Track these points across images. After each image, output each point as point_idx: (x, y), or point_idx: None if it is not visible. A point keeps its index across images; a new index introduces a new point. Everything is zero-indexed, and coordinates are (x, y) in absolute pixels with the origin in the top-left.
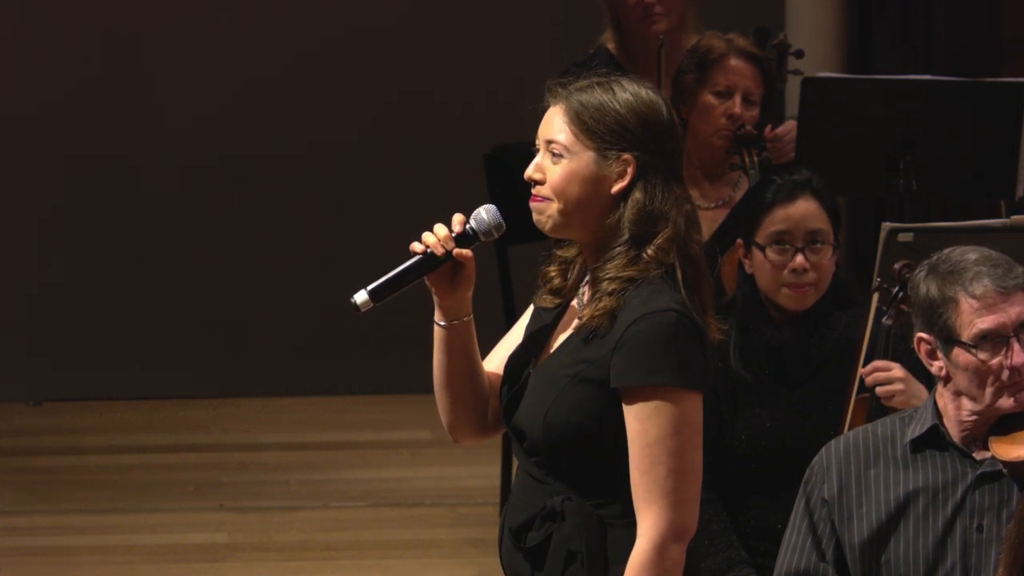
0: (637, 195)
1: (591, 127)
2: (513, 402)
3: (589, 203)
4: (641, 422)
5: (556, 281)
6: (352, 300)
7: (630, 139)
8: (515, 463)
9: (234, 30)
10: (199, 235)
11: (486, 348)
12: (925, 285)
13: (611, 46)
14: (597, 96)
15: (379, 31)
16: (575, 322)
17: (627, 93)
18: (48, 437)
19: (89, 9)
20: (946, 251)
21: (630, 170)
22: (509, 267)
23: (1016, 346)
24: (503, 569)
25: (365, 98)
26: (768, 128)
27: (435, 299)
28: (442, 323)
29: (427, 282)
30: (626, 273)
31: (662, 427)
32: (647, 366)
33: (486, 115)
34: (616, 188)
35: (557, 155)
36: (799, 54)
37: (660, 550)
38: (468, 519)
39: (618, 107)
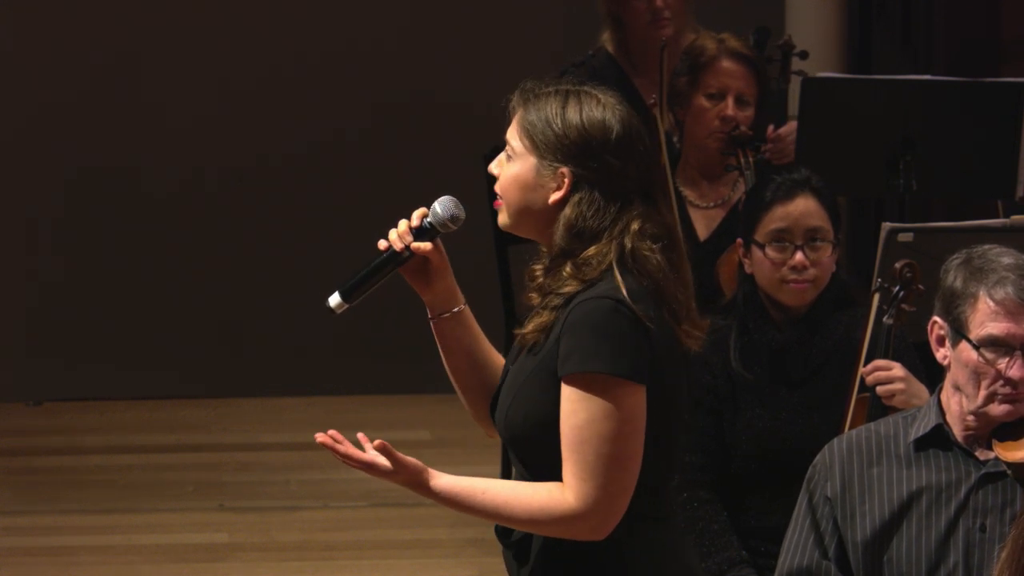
0: (567, 211)
1: (533, 135)
2: (495, 401)
3: (530, 209)
4: (570, 404)
5: (541, 279)
6: (327, 304)
7: (565, 152)
8: None
9: (233, 33)
10: (199, 235)
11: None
12: (954, 273)
13: (610, 47)
14: (549, 105)
15: (378, 33)
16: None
17: (579, 107)
18: (48, 437)
19: (89, 14)
20: (986, 247)
21: (566, 182)
22: (509, 267)
23: (1019, 360)
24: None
25: (365, 99)
26: (771, 128)
27: (420, 295)
28: (430, 317)
29: (405, 279)
30: (565, 289)
31: (591, 411)
32: (581, 352)
33: (486, 115)
34: (553, 199)
35: (510, 156)
36: (803, 55)
37: (576, 519)
38: (468, 519)
39: (561, 121)
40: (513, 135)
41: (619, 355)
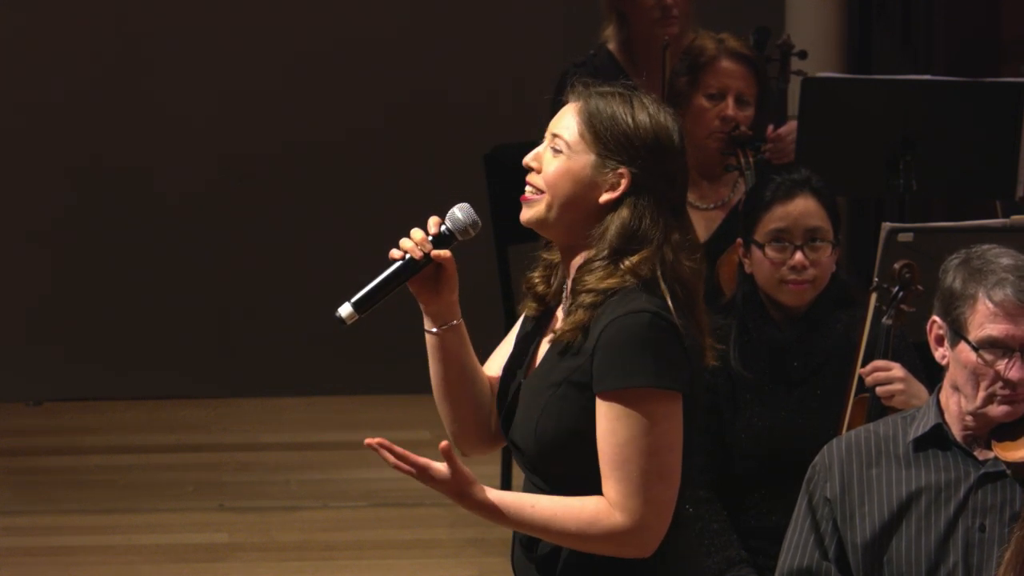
0: (624, 211)
1: (599, 132)
2: (509, 416)
3: (576, 205)
4: (610, 422)
5: (540, 287)
6: (337, 314)
7: (632, 154)
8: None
9: (235, 32)
10: (200, 235)
11: (489, 348)
12: (953, 274)
13: (611, 46)
14: (615, 104)
15: (379, 33)
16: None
17: (645, 111)
18: (48, 437)
19: (92, 12)
20: (985, 247)
21: (624, 183)
22: (509, 267)
23: (1018, 361)
24: None
25: (365, 99)
26: (770, 128)
27: (421, 306)
28: (432, 329)
29: (411, 289)
30: (604, 285)
31: (632, 428)
32: (622, 368)
33: (486, 115)
34: (605, 198)
35: (557, 150)
36: (802, 55)
37: (626, 534)
38: (468, 519)
39: (631, 121)
40: (568, 129)
41: (660, 367)
